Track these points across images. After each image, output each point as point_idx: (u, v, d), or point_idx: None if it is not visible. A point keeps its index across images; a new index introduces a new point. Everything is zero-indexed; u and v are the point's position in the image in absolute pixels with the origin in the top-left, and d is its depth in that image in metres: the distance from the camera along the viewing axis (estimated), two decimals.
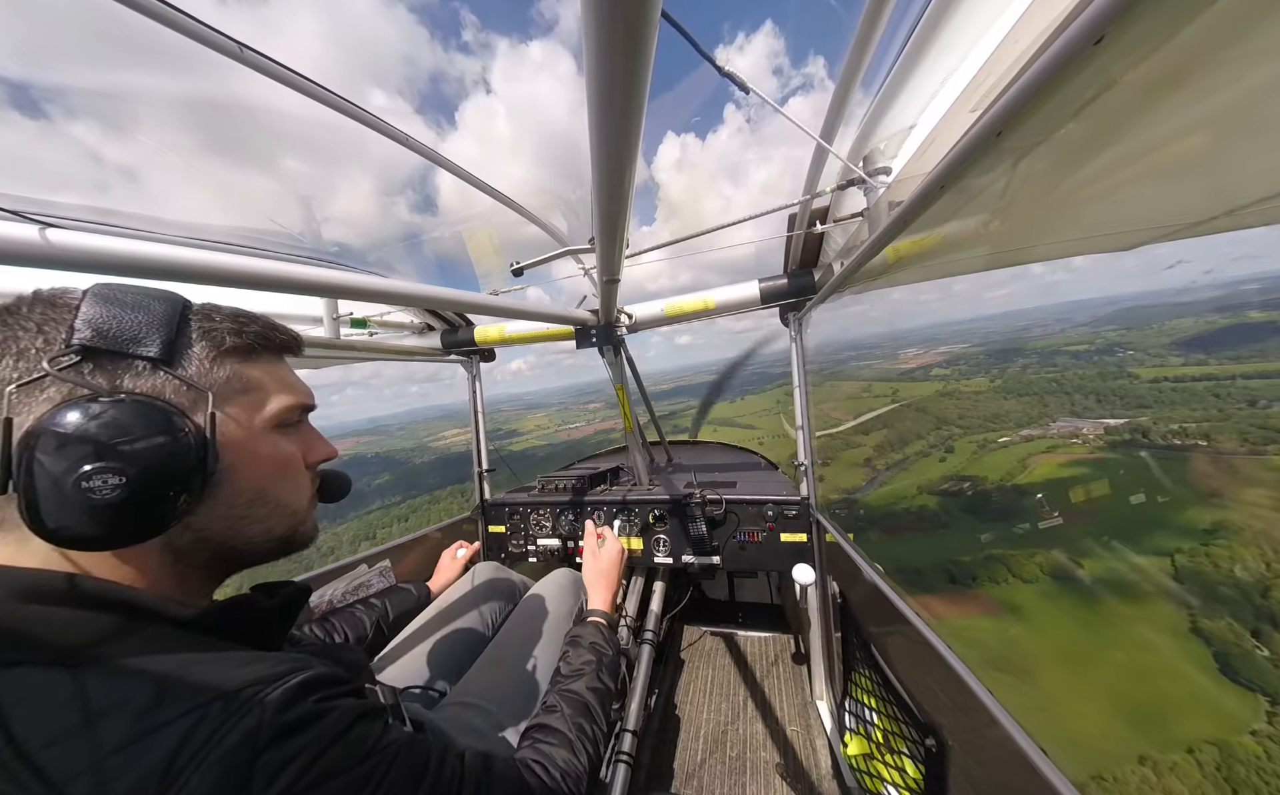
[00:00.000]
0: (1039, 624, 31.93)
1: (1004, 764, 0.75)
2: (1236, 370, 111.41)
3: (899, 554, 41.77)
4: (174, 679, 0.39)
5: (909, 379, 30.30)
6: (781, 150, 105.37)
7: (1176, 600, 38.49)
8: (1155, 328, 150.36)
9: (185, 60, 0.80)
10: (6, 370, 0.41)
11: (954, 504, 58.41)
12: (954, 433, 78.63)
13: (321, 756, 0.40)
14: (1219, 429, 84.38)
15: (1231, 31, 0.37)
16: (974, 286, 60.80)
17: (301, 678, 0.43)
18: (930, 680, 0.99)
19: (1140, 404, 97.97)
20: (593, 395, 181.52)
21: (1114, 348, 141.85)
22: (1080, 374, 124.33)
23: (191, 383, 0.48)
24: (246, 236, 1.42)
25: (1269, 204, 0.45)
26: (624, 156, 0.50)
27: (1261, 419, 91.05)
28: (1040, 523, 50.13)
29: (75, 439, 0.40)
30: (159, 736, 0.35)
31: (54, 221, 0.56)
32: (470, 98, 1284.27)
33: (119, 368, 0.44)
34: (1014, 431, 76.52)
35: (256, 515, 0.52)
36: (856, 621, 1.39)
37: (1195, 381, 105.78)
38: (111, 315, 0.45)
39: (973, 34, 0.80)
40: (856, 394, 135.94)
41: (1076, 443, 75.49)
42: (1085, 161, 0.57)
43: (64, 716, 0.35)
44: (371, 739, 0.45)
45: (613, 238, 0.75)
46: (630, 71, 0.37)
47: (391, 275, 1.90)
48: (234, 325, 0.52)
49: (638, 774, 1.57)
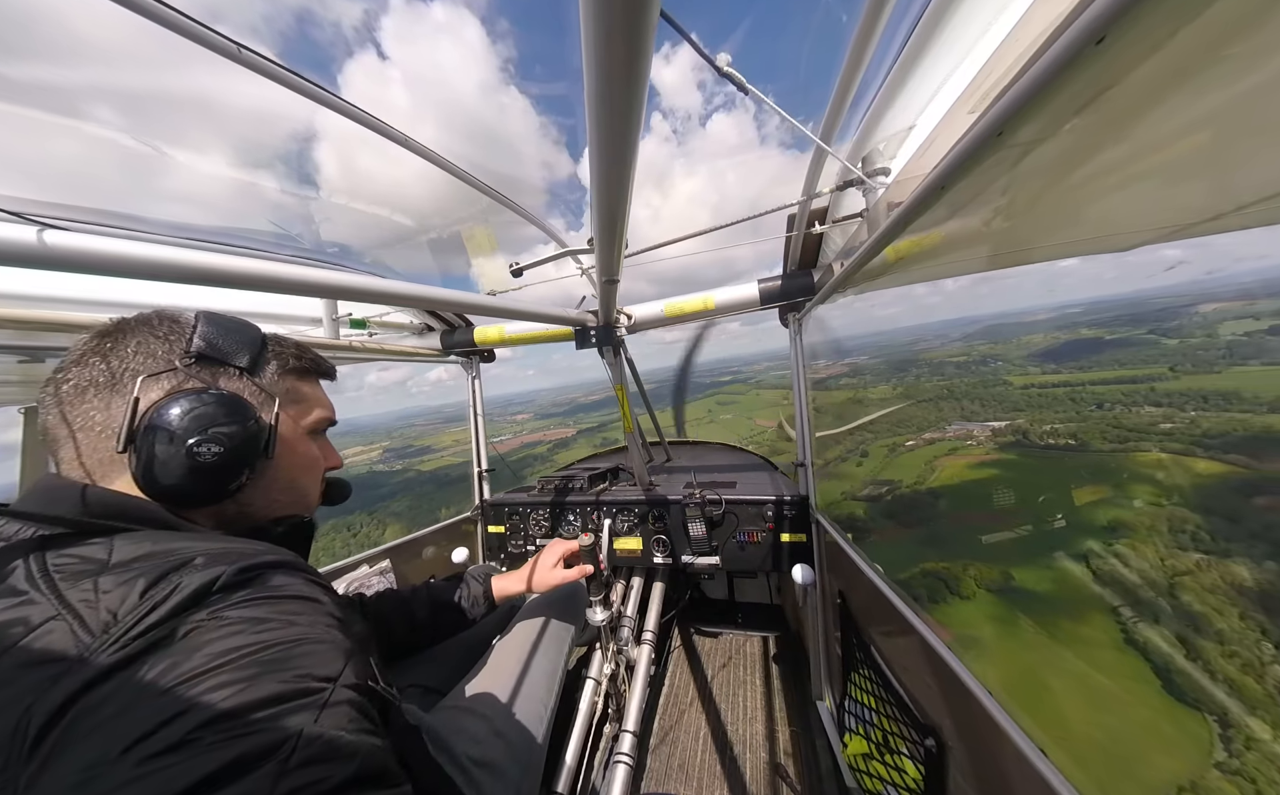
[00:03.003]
0: (994, 654, 29.73)
1: (1003, 764, 0.75)
2: (1085, 378, 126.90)
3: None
4: (177, 545, 0.48)
5: (822, 388, 31.67)
6: (707, 164, 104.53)
7: (1106, 608, 37.64)
8: (1014, 342, 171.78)
9: (184, 61, 0.80)
10: (139, 363, 0.55)
11: (875, 510, 58.95)
12: (866, 437, 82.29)
13: (259, 602, 0.45)
14: (1083, 429, 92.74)
15: (1232, 31, 0.37)
16: (866, 304, 63.31)
17: (266, 559, 0.50)
18: (930, 681, 0.99)
19: (1016, 408, 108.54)
20: (521, 405, 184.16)
21: (988, 359, 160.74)
22: (966, 381, 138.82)
23: (264, 388, 0.64)
24: (246, 237, 1.42)
25: (1270, 204, 0.45)
26: (623, 157, 0.50)
27: (1113, 419, 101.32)
28: (972, 531, 49.90)
29: (189, 416, 0.54)
30: (145, 573, 0.43)
31: (52, 222, 0.56)
32: (355, 57, 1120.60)
33: (218, 371, 0.60)
34: (917, 435, 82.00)
35: (284, 499, 0.66)
36: (856, 622, 1.39)
37: (1055, 388, 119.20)
38: (218, 333, 0.61)
39: (972, 35, 0.80)
40: (778, 401, 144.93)
41: (971, 444, 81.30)
42: (1086, 161, 0.57)
43: (90, 558, 0.45)
44: (296, 605, 0.49)
45: (612, 238, 0.75)
46: (630, 72, 0.37)
47: (391, 276, 1.89)
48: (295, 351, 0.71)
49: (637, 774, 1.57)
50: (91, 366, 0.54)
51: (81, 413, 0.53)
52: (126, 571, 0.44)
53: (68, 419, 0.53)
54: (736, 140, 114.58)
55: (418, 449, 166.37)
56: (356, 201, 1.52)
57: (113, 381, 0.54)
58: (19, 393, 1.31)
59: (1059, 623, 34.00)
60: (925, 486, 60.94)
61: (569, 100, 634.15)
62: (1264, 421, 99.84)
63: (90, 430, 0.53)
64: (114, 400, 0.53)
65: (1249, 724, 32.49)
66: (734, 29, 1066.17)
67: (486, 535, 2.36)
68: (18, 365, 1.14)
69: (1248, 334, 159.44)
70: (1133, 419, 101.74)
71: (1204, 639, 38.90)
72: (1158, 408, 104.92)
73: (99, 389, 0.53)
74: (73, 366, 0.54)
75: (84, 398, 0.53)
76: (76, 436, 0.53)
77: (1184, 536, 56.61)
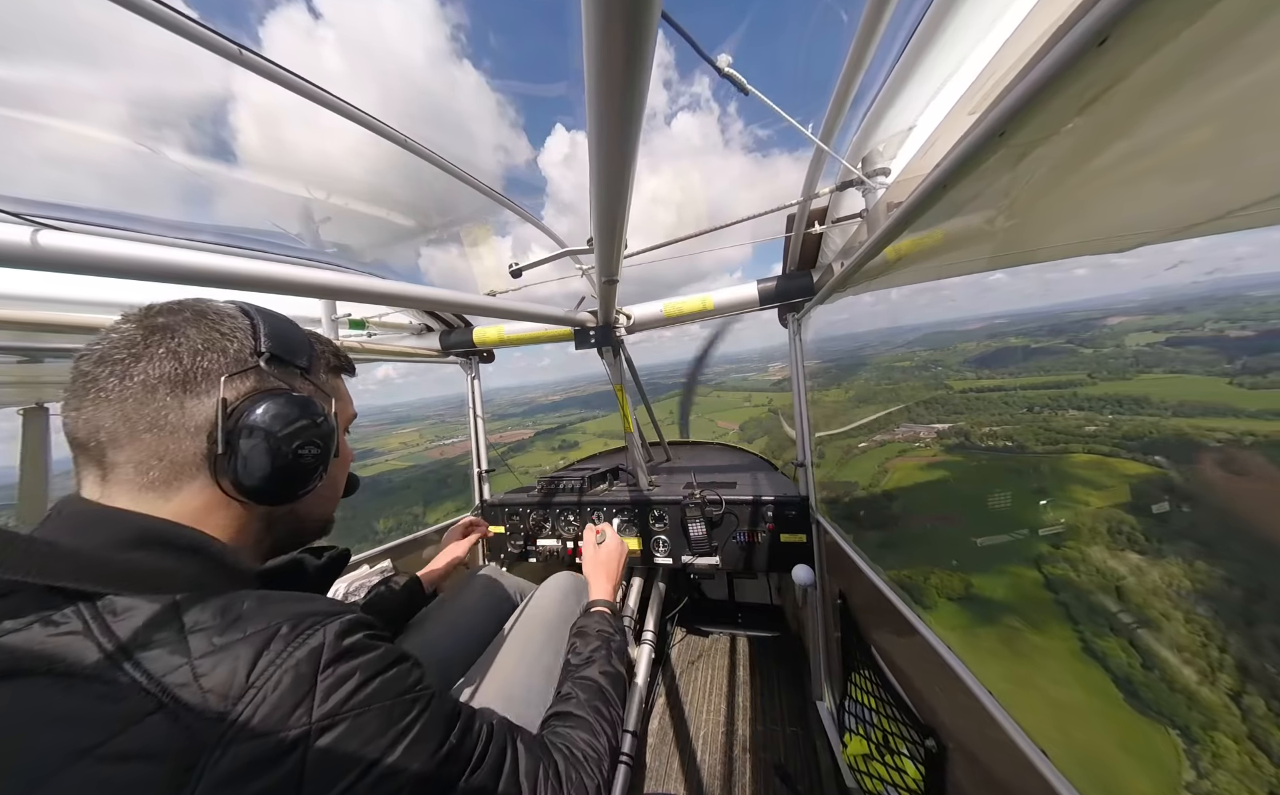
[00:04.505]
0: (978, 671, 30.69)
1: (1003, 764, 0.74)
2: (1014, 383, 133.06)
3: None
4: (251, 607, 0.46)
5: (779, 389, 31.16)
6: (675, 164, 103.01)
7: (1062, 614, 37.92)
8: (951, 348, 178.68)
9: (184, 61, 0.80)
10: (215, 362, 0.53)
11: (837, 512, 57.53)
12: (822, 438, 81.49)
13: (371, 680, 0.47)
14: (1017, 432, 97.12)
15: (1234, 32, 0.37)
16: (864, 304, 67.20)
17: (355, 616, 0.51)
18: (929, 681, 0.99)
19: (956, 411, 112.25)
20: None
21: (929, 364, 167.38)
22: (911, 385, 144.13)
23: (321, 387, 0.65)
24: (245, 238, 1.41)
25: (1271, 204, 0.45)
26: (623, 157, 0.50)
27: (1042, 421, 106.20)
28: (931, 529, 50.38)
29: (281, 418, 0.54)
30: (239, 647, 0.42)
31: (50, 222, 0.55)
32: (278, 9, 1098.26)
33: (288, 371, 0.60)
34: (869, 437, 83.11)
35: (325, 496, 0.67)
36: (856, 622, 1.39)
37: (990, 392, 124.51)
38: (280, 332, 0.60)
39: (974, 36, 0.80)
40: (739, 403, 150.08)
41: (920, 446, 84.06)
42: (1088, 162, 0.57)
43: (162, 628, 0.42)
44: (412, 678, 0.53)
45: (611, 238, 0.75)
46: (630, 72, 0.37)
47: (390, 276, 1.89)
48: (331, 348, 0.71)
49: (638, 774, 1.57)
50: (160, 361, 0.50)
51: (153, 410, 0.49)
52: None
53: (132, 417, 0.48)
54: (700, 142, 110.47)
55: (360, 452, 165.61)
56: (356, 201, 1.52)
57: (186, 379, 0.51)
58: (17, 394, 1.30)
59: (1014, 629, 34.31)
60: (881, 490, 61.25)
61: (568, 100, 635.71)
62: (1173, 425, 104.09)
63: (163, 429, 0.50)
64: (188, 399, 0.51)
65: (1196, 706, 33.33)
66: (734, 29, 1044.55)
67: (486, 535, 2.35)
68: (16, 366, 1.14)
69: (1149, 345, 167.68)
70: (1060, 421, 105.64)
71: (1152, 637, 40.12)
72: (1080, 411, 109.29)
73: (172, 386, 0.50)
74: (130, 361, 0.49)
75: (154, 395, 0.49)
76: (144, 437, 0.49)
77: (1121, 538, 57.50)
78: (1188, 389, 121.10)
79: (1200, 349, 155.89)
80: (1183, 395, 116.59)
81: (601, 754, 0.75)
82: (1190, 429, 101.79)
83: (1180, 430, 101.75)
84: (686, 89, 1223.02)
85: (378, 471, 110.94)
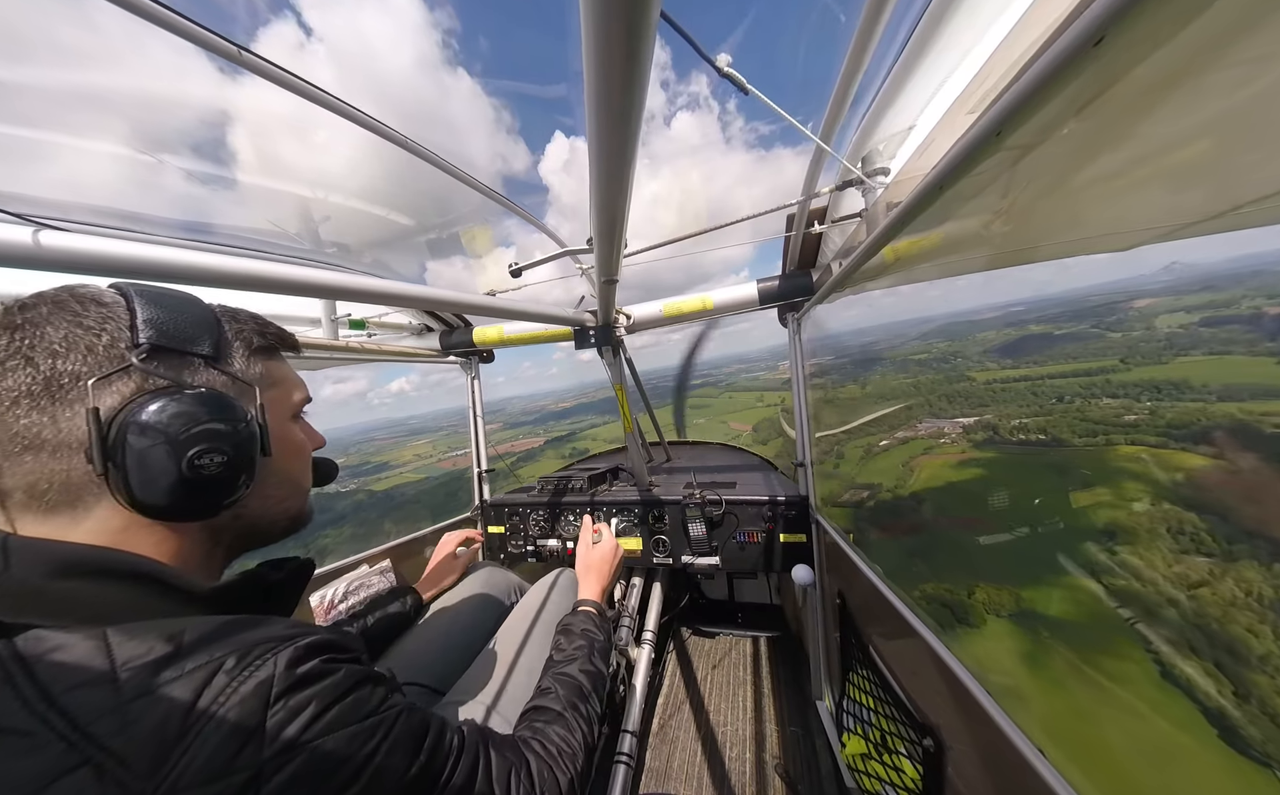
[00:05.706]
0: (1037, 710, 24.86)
1: (1002, 764, 0.74)
2: (1042, 372, 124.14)
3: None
4: (192, 638, 0.41)
5: (788, 387, 30.62)
6: (674, 164, 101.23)
7: (1134, 636, 33.31)
8: (971, 339, 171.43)
9: (184, 62, 0.80)
10: (77, 364, 0.44)
11: (859, 516, 54.61)
12: (840, 437, 78.26)
13: (328, 710, 0.43)
14: (1052, 423, 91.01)
15: (1231, 33, 0.37)
16: (865, 302, 64.88)
17: (311, 639, 0.46)
18: (928, 681, 0.99)
19: (981, 403, 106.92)
20: (490, 416, 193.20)
21: (948, 357, 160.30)
22: (930, 378, 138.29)
23: (239, 377, 0.55)
24: (244, 237, 1.41)
25: (1271, 203, 0.45)
26: (622, 157, 0.50)
27: (1076, 411, 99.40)
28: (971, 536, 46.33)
29: (178, 423, 0.46)
30: (178, 684, 0.38)
31: (48, 223, 0.55)
32: (269, 26, 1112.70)
33: (180, 364, 0.50)
34: (890, 434, 79.54)
35: (280, 496, 0.60)
36: (855, 622, 1.39)
37: (1016, 382, 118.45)
38: (166, 317, 0.49)
39: (972, 35, 0.80)
40: (752, 404, 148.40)
41: (945, 442, 79.57)
42: (1086, 162, 0.57)
43: (88, 666, 0.37)
44: (375, 700, 0.48)
45: (611, 238, 0.75)
46: (629, 72, 0.37)
47: (389, 276, 1.89)
48: (256, 326, 0.61)
49: (637, 774, 1.57)
50: (14, 371, 0.43)
51: (23, 429, 0.42)
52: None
53: (2, 439, 0.42)
54: (699, 140, 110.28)
55: (375, 466, 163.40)
56: (355, 201, 1.52)
57: (48, 388, 0.43)
58: None
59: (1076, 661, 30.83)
60: (907, 491, 58.31)
61: (568, 101, 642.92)
62: (1222, 410, 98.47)
63: (40, 449, 0.43)
64: (59, 412, 0.43)
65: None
66: (734, 29, 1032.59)
67: (486, 536, 2.35)
68: None
69: (1183, 326, 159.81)
70: (1095, 411, 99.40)
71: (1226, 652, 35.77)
72: (1115, 399, 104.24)
73: (35, 398, 0.43)
74: None
75: (18, 411, 0.43)
76: (24, 460, 0.43)
77: (1184, 539, 53.29)
78: (1233, 371, 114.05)
79: (1238, 329, 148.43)
80: (1228, 378, 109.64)
81: (575, 749, 0.75)
82: (1242, 414, 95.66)
83: (1232, 416, 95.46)
84: (685, 89, 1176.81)
85: (391, 485, 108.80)
